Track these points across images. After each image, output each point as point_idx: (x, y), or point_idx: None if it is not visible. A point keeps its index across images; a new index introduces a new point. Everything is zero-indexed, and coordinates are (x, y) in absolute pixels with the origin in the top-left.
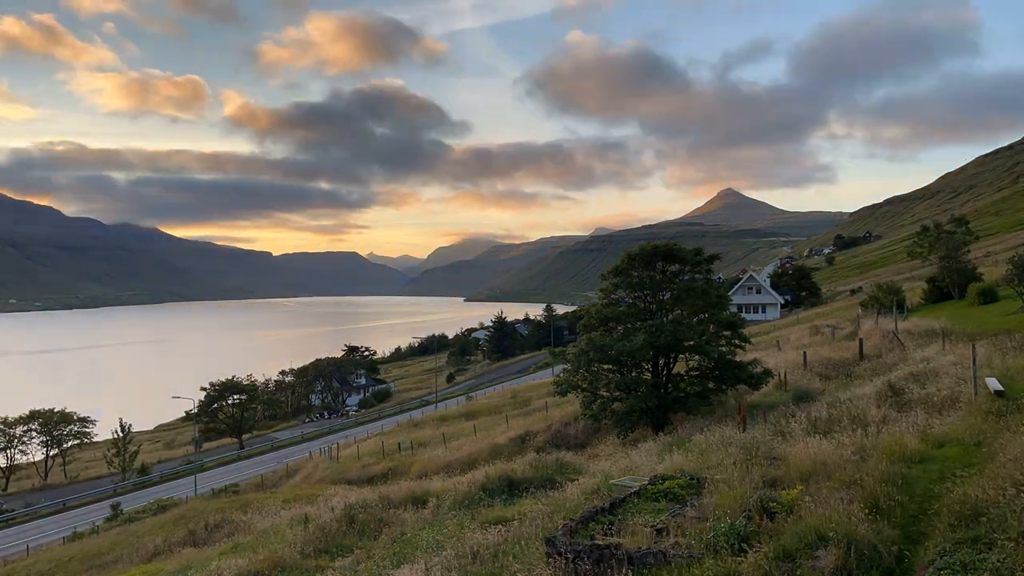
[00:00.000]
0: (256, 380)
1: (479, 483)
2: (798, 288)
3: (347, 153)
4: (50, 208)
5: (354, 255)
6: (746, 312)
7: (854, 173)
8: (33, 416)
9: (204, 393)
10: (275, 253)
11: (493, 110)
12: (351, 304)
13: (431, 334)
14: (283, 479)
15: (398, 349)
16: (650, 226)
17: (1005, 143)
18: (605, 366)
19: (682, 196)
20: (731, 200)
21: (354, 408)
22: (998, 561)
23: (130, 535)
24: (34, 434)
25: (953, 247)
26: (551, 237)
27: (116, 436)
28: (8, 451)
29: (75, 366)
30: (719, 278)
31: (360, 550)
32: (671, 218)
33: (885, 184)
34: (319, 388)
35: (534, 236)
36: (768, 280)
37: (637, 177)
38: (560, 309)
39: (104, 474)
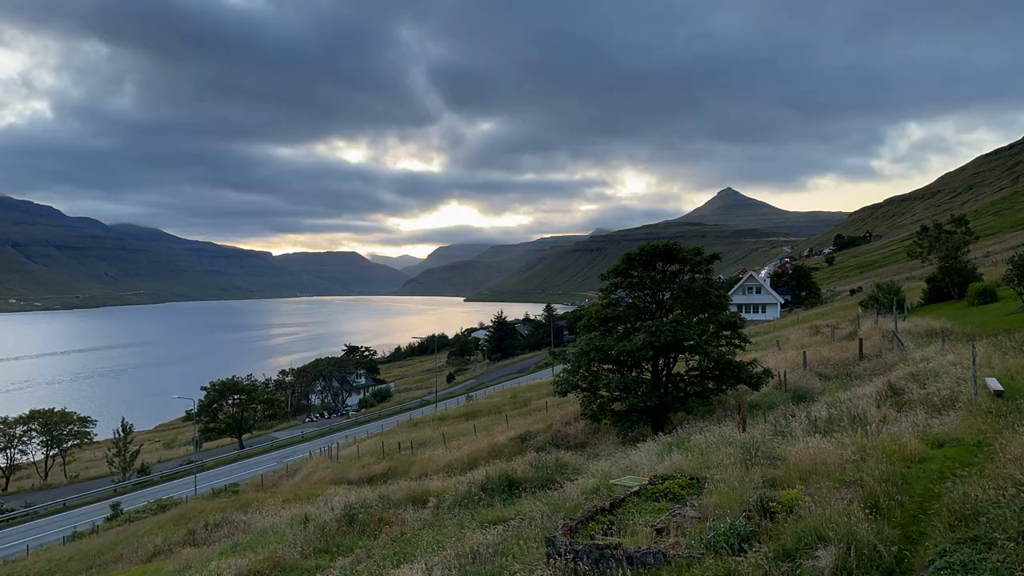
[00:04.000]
0: (256, 380)
1: (479, 483)
2: (798, 288)
3: None
4: (50, 208)
5: (354, 255)
6: (746, 312)
7: None
8: (33, 416)
9: (204, 393)
10: (275, 253)
11: None
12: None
13: (431, 334)
14: (283, 479)
15: (398, 349)
16: (650, 226)
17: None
18: (605, 366)
19: None
20: (731, 200)
21: (354, 408)
22: (998, 561)
23: (130, 535)
24: (34, 434)
25: (953, 247)
26: (551, 237)
27: (117, 436)
28: (8, 451)
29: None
30: (719, 278)
31: (360, 549)
32: (671, 218)
33: None
34: (319, 388)
35: (534, 236)
36: (768, 280)
37: None
38: (560, 309)
39: (104, 474)
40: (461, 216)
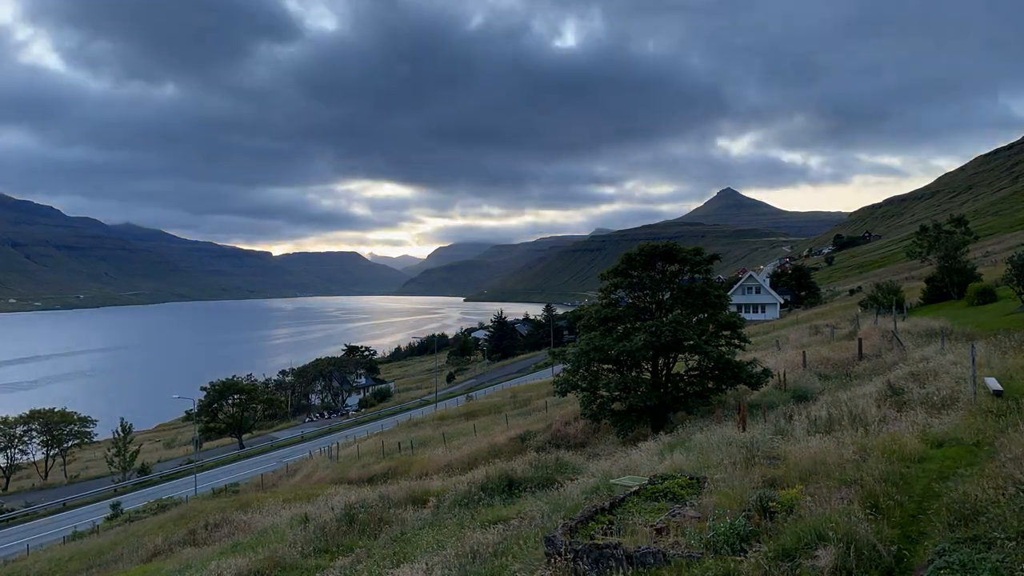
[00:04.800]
0: (256, 380)
1: (479, 482)
2: (798, 288)
3: None
4: (50, 208)
5: (354, 255)
6: (746, 312)
7: None
8: (33, 416)
9: (204, 393)
10: (275, 253)
11: None
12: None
13: (431, 334)
14: (283, 479)
15: (398, 349)
16: (650, 226)
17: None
18: (605, 366)
19: None
20: (731, 200)
21: (354, 408)
22: (997, 560)
23: (130, 535)
24: (34, 434)
25: (952, 247)
26: (551, 237)
27: (116, 435)
28: (8, 451)
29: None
30: (719, 278)
31: (360, 549)
32: (671, 218)
33: None
34: (319, 388)
35: (534, 236)
36: (768, 280)
37: None
38: (560, 309)
39: (104, 473)
40: (462, 217)
